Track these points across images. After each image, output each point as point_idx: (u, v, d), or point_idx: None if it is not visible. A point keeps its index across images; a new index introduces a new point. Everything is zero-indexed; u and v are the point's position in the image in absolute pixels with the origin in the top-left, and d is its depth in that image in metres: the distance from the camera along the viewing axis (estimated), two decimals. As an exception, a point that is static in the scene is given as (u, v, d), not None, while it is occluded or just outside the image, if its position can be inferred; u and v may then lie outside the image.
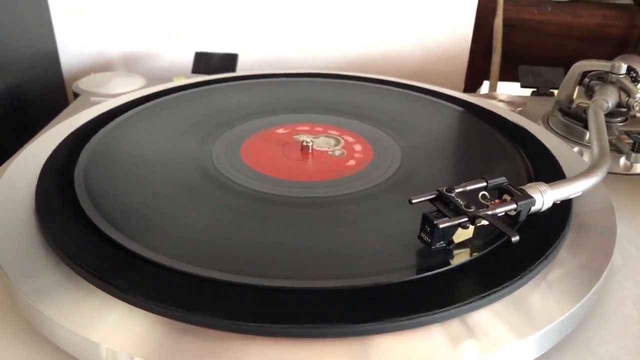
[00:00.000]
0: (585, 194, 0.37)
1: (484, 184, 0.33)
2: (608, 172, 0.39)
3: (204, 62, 0.71)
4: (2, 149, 0.51)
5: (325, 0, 0.78)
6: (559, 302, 0.30)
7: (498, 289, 0.29)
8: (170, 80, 0.63)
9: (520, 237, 0.29)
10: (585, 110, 0.51)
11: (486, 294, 0.29)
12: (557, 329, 0.29)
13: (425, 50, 0.80)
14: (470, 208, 0.31)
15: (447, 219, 0.30)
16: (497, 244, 0.32)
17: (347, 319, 0.27)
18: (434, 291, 0.29)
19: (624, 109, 0.52)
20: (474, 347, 0.27)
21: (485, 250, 0.32)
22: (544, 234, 0.34)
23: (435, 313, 0.27)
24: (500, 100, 0.63)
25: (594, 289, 0.30)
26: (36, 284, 0.30)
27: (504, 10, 0.79)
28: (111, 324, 0.27)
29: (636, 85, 0.51)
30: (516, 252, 0.32)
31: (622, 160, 0.49)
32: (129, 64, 0.80)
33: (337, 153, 0.46)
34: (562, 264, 0.32)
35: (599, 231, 0.36)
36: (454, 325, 0.28)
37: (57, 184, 0.38)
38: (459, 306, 0.28)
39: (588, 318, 0.31)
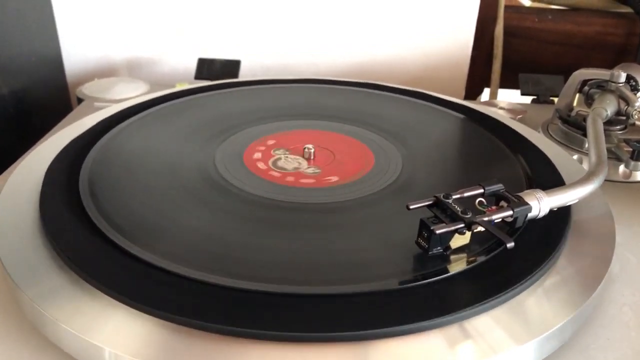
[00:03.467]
0: (584, 201, 0.37)
1: (481, 190, 0.33)
2: (607, 180, 0.39)
3: (206, 68, 0.71)
4: (6, 154, 0.52)
5: (328, 7, 0.78)
6: (557, 309, 0.30)
7: (497, 295, 0.29)
8: (173, 85, 0.63)
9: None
10: (584, 118, 0.51)
11: (485, 300, 0.29)
12: (555, 336, 0.29)
13: (426, 58, 0.81)
14: (467, 214, 0.31)
15: (443, 224, 0.31)
16: (496, 251, 0.32)
17: (346, 325, 0.27)
18: (433, 297, 0.29)
19: (623, 117, 0.52)
20: (473, 353, 0.27)
21: (485, 257, 0.32)
22: (543, 241, 0.34)
23: (435, 319, 0.28)
24: (501, 108, 0.63)
25: (592, 296, 0.31)
26: (40, 287, 0.30)
27: (505, 18, 0.79)
28: (114, 327, 0.28)
29: (635, 94, 0.51)
30: (515, 259, 0.32)
31: (621, 168, 0.49)
32: (132, 70, 0.81)
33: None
34: (560, 271, 0.33)
35: (598, 238, 0.36)
36: (453, 331, 0.28)
37: (62, 188, 0.39)
38: (458, 312, 0.28)
39: (586, 325, 0.32)
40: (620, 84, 0.51)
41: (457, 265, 0.31)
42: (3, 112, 0.62)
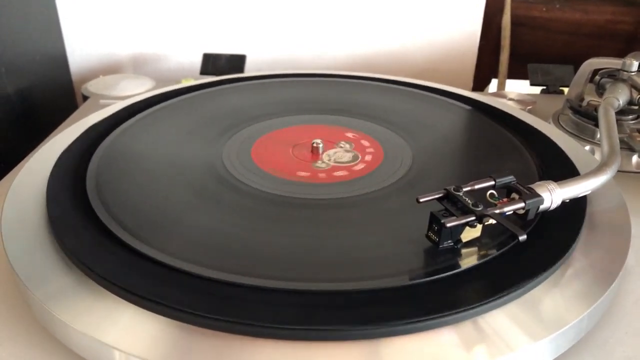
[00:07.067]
0: (598, 193, 0.37)
1: (492, 182, 0.33)
2: (620, 171, 0.38)
3: (212, 63, 0.71)
4: (12, 153, 0.52)
5: (332, 1, 0.77)
6: (573, 304, 0.29)
7: (511, 290, 0.29)
8: (178, 81, 0.63)
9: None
10: (596, 108, 0.50)
11: (499, 295, 0.28)
12: (572, 331, 0.28)
13: (433, 49, 0.80)
14: (478, 207, 0.31)
15: (454, 217, 0.30)
16: (510, 245, 0.32)
17: (358, 322, 0.27)
18: (446, 293, 0.29)
19: (636, 107, 0.51)
20: (487, 350, 0.27)
21: (499, 251, 0.31)
22: (558, 234, 0.33)
23: (448, 315, 0.27)
24: (510, 99, 0.63)
25: (609, 289, 0.30)
26: (49, 288, 0.30)
27: (512, 8, 0.78)
28: (124, 327, 0.27)
29: (648, 83, 0.50)
30: (530, 253, 0.31)
31: (635, 158, 0.49)
32: (137, 66, 0.81)
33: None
34: (576, 265, 0.32)
35: (613, 231, 0.36)
36: (466, 328, 0.28)
37: (69, 187, 0.38)
38: (471, 308, 0.28)
39: (604, 319, 0.31)
40: (633, 73, 0.51)
41: (469, 260, 0.31)
42: (8, 111, 0.62)
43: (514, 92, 0.65)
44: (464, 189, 0.32)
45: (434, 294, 0.29)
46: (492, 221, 0.31)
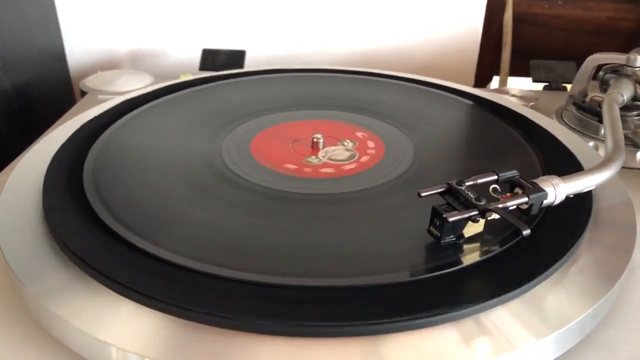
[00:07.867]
0: (603, 189, 0.36)
1: (495, 177, 0.32)
2: (624, 167, 0.38)
3: (211, 59, 0.70)
4: (9, 148, 0.51)
5: (333, -4, 0.77)
6: (578, 301, 0.29)
7: (515, 287, 0.28)
8: (177, 77, 0.62)
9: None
10: (600, 104, 0.50)
11: (502, 292, 0.28)
12: (576, 329, 0.28)
13: (435, 46, 0.80)
14: (480, 201, 0.30)
15: (456, 212, 0.30)
16: (514, 240, 0.31)
17: (358, 318, 0.26)
18: (447, 289, 0.28)
19: (640, 103, 0.51)
20: (490, 348, 0.26)
21: (502, 247, 0.31)
22: (563, 230, 0.33)
23: (449, 312, 0.27)
24: (513, 95, 0.62)
25: (614, 287, 0.30)
26: (45, 284, 0.29)
27: (514, 5, 0.78)
28: (121, 323, 0.27)
29: (652, 78, 0.50)
30: (534, 249, 0.31)
31: (639, 154, 0.48)
32: (135, 62, 0.80)
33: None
34: (580, 261, 0.32)
35: (619, 227, 0.35)
36: (468, 325, 0.27)
37: (65, 182, 0.38)
38: (474, 305, 0.27)
39: (608, 316, 0.31)
40: (637, 68, 0.50)
41: (472, 256, 0.30)
42: (6, 107, 0.61)
43: (516, 89, 0.64)
44: (467, 184, 0.32)
45: (435, 290, 0.28)
46: (495, 216, 0.30)
